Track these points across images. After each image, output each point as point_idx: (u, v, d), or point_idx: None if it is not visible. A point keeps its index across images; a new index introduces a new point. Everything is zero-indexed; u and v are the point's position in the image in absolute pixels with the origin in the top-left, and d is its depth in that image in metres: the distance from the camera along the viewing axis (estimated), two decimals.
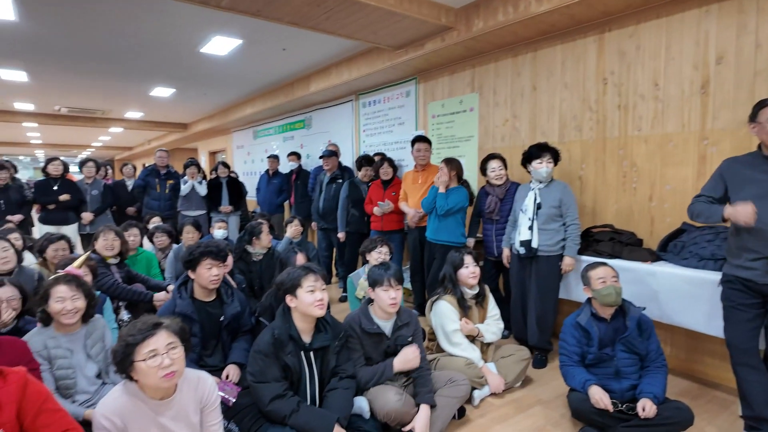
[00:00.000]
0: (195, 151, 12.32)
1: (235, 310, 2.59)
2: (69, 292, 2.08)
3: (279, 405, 1.94)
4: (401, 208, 4.27)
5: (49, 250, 3.31)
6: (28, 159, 21.92)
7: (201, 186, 6.12)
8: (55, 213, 5.11)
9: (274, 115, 7.86)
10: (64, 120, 9.37)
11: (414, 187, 4.14)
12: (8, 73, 5.90)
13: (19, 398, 1.34)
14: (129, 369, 1.52)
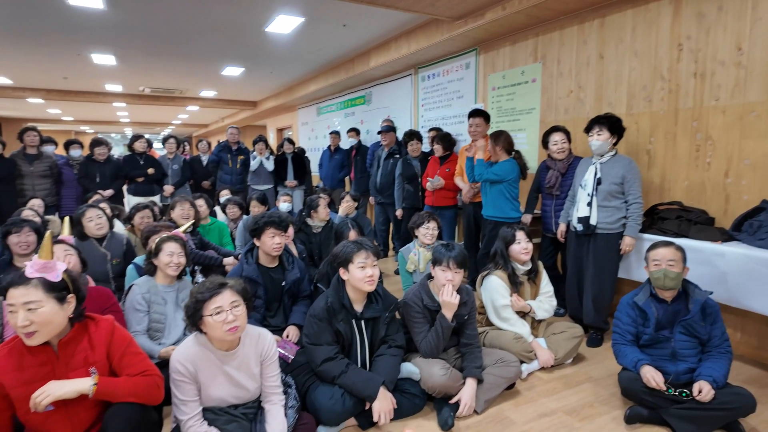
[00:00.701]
0: (264, 128, 12.88)
1: (295, 276, 2.80)
2: (177, 249, 2.45)
3: (329, 366, 2.09)
4: (456, 183, 4.25)
5: (136, 218, 3.71)
6: (119, 136, 24.02)
7: (268, 161, 6.46)
8: (142, 185, 5.66)
9: (335, 91, 8.02)
10: (148, 99, 10.17)
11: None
12: (99, 57, 6.50)
13: (108, 341, 1.58)
14: (199, 322, 1.73)
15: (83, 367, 1.52)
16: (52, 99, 9.56)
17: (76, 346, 1.53)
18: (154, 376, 1.62)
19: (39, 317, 1.41)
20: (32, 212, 4.08)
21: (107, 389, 1.50)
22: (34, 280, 1.43)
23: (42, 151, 5.34)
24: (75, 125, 18.12)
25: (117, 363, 1.58)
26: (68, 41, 5.69)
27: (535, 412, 2.28)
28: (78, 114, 14.28)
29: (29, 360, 1.47)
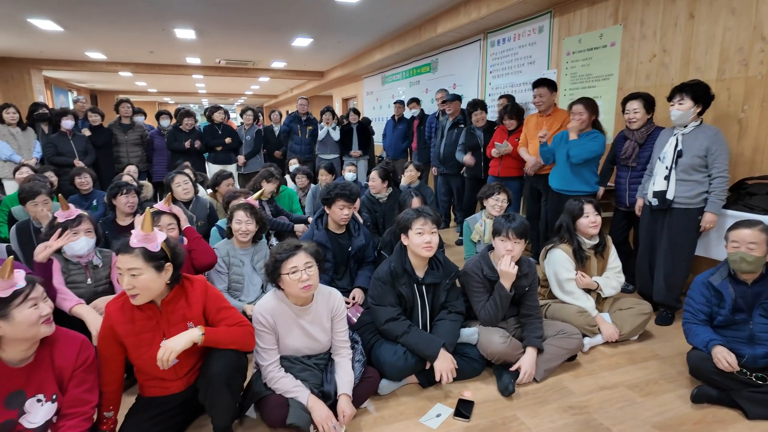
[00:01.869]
0: (330, 98, 13.11)
1: (361, 242, 2.94)
2: (245, 217, 2.67)
3: (393, 326, 2.22)
4: (520, 154, 4.14)
5: (222, 185, 4.02)
6: (196, 107, 25.52)
7: (335, 131, 6.64)
8: (220, 154, 6.05)
9: (401, 59, 7.96)
10: (223, 71, 10.68)
11: (536, 133, 3.94)
12: (181, 32, 6.91)
13: (204, 299, 1.79)
14: (277, 279, 1.92)
15: (182, 323, 1.73)
16: (140, 72, 10.34)
17: (175, 305, 1.74)
18: (248, 326, 1.82)
19: (139, 283, 1.61)
20: (130, 177, 4.55)
21: (212, 338, 1.71)
22: (136, 249, 1.62)
23: (134, 121, 5.86)
24: (159, 96, 19.47)
25: (214, 317, 1.79)
26: (155, 17, 6.10)
27: (595, 385, 2.29)
28: (161, 86, 15.32)
29: (138, 314, 1.70)
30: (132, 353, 1.71)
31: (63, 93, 12.97)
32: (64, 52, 8.61)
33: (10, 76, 9.00)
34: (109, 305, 1.72)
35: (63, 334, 1.59)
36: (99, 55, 8.95)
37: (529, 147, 4.06)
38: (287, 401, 1.84)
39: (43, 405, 1.50)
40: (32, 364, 1.49)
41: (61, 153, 5.16)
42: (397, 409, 2.11)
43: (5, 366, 1.45)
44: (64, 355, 1.54)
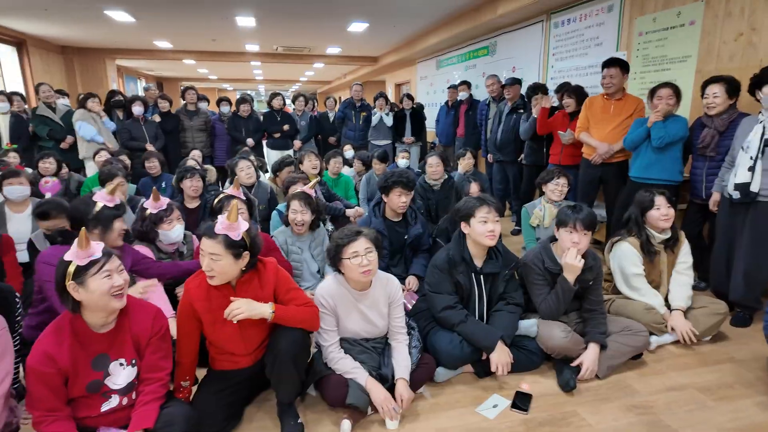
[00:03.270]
0: (383, 83, 13.07)
1: (417, 231, 2.95)
2: (299, 207, 2.72)
3: (449, 314, 2.21)
4: (582, 139, 3.82)
5: (284, 171, 4.15)
6: (253, 93, 26.31)
7: (388, 117, 6.63)
8: (278, 140, 6.23)
9: (457, 43, 7.78)
10: (280, 58, 10.91)
11: (603, 117, 3.70)
12: (242, 19, 7.11)
13: (275, 281, 1.86)
14: (338, 264, 1.96)
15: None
16: (202, 59, 10.77)
17: (249, 285, 1.82)
18: (314, 307, 1.89)
19: (217, 267, 1.70)
20: (194, 162, 4.79)
21: (282, 315, 1.79)
22: (219, 236, 1.71)
23: (199, 108, 6.13)
24: (218, 83, 20.22)
25: (283, 297, 1.86)
26: (219, 6, 6.30)
27: (662, 385, 2.18)
28: (221, 73, 15.90)
29: (215, 293, 1.79)
30: (207, 329, 1.82)
31: (133, 81, 13.79)
32: (135, 42, 9.12)
33: (87, 65, 9.66)
34: (188, 282, 1.83)
35: (138, 303, 1.71)
36: (166, 44, 9.40)
37: (593, 131, 3.76)
38: (347, 381, 1.90)
39: (125, 369, 1.63)
40: (113, 331, 1.62)
41: (134, 138, 5.51)
42: (452, 397, 2.12)
43: (91, 331, 1.58)
44: (140, 323, 1.66)
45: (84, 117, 5.21)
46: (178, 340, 1.81)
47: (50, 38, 8.57)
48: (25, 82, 8.08)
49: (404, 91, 9.50)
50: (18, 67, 8.09)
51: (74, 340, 1.55)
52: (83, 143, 5.25)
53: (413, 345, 2.13)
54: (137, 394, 1.66)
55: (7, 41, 7.72)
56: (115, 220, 2.26)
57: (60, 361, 1.51)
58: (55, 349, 1.52)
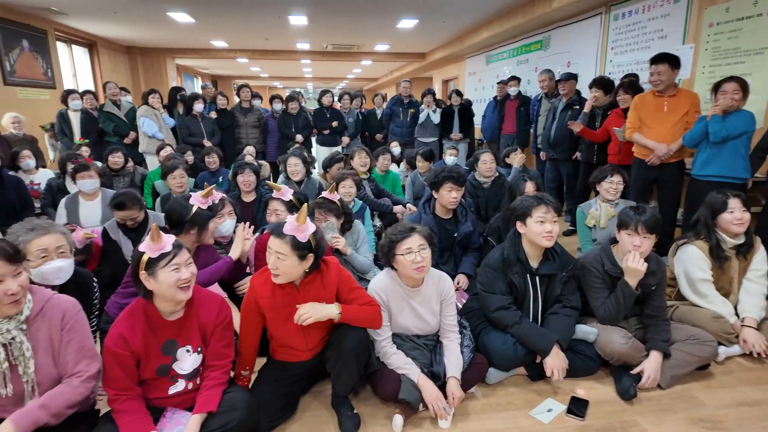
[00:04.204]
0: (430, 79, 12.99)
1: (468, 229, 2.91)
2: (321, 216, 2.66)
3: (503, 314, 2.18)
4: (636, 140, 3.56)
5: (334, 167, 4.22)
6: (301, 90, 26.86)
7: (435, 114, 6.58)
8: (327, 136, 6.33)
9: (508, 37, 7.60)
10: (329, 56, 11.07)
11: (657, 116, 3.44)
12: (295, 18, 7.27)
13: (337, 281, 1.89)
14: (392, 260, 1.97)
15: (316, 302, 1.83)
16: (255, 58, 11.11)
17: (312, 285, 1.86)
18: (376, 306, 1.90)
19: (282, 266, 1.74)
20: (250, 157, 4.96)
21: (348, 316, 1.82)
22: (287, 236, 1.74)
23: (253, 105, 6.33)
24: (269, 81, 20.77)
25: (346, 296, 1.89)
26: (273, 5, 6.47)
27: (731, 399, 2.05)
28: (272, 71, 16.33)
29: (279, 291, 1.84)
30: (270, 324, 1.88)
31: (190, 79, 14.43)
32: (193, 42, 9.53)
33: (150, 64, 10.21)
34: (254, 279, 1.89)
35: (204, 294, 1.79)
36: (222, 43, 9.77)
37: (647, 131, 3.49)
38: (399, 377, 1.91)
39: (191, 355, 1.71)
40: (182, 319, 1.71)
41: (193, 134, 5.77)
42: (504, 399, 2.09)
43: (161, 318, 1.67)
44: (207, 312, 1.74)
45: (147, 114, 5.51)
46: (241, 332, 1.88)
47: (117, 39, 9.11)
48: (95, 80, 8.65)
49: (452, 88, 9.41)
50: (89, 66, 8.67)
51: (146, 325, 1.65)
52: (144, 138, 5.56)
53: (465, 344, 2.11)
54: (202, 379, 1.74)
55: (80, 43, 8.28)
56: (210, 220, 2.36)
57: (133, 344, 1.62)
58: (129, 333, 1.62)
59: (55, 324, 1.55)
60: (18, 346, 1.48)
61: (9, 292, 1.42)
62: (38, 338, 1.53)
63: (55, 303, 1.59)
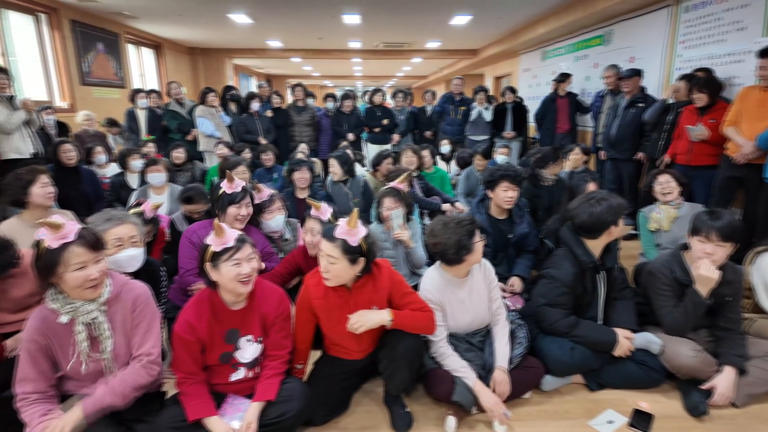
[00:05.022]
0: (481, 76, 12.75)
1: (524, 230, 2.84)
2: (391, 204, 2.68)
3: (561, 323, 2.11)
4: (728, 134, 3.35)
5: (383, 164, 4.25)
6: (351, 89, 27.18)
7: (487, 112, 6.45)
8: (378, 135, 6.37)
9: (567, 32, 7.32)
10: (380, 54, 11.13)
11: (759, 112, 3.17)
12: (348, 17, 7.36)
13: (389, 285, 1.89)
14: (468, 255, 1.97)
15: (368, 305, 1.84)
16: (308, 57, 11.34)
17: (363, 288, 1.87)
18: (429, 311, 1.88)
19: (333, 269, 1.76)
20: (303, 155, 5.07)
21: (400, 322, 1.81)
22: (338, 240, 1.74)
23: (307, 103, 6.47)
24: (320, 80, 21.17)
25: (399, 301, 1.89)
26: (328, 4, 6.58)
27: None
28: (323, 70, 16.63)
29: (331, 293, 1.86)
30: (323, 324, 1.91)
31: (246, 78, 14.96)
32: (250, 42, 9.86)
33: (210, 64, 10.68)
34: (308, 279, 1.92)
35: (267, 286, 1.85)
36: (277, 43, 10.05)
37: (744, 127, 3.24)
38: (453, 378, 1.90)
39: (252, 345, 1.78)
40: (245, 309, 1.77)
41: (249, 131, 5.97)
42: (561, 406, 2.02)
43: (225, 307, 1.75)
44: (268, 304, 1.80)
45: (204, 113, 5.75)
46: (295, 328, 1.92)
47: (181, 40, 9.59)
48: (159, 80, 9.15)
49: (504, 84, 9.19)
50: (155, 66, 9.19)
51: (211, 313, 1.73)
52: (202, 137, 5.81)
53: (518, 340, 2.09)
54: (261, 368, 1.80)
55: (147, 44, 8.79)
56: (230, 205, 2.39)
57: (199, 330, 1.70)
58: (196, 320, 1.70)
59: (128, 307, 1.67)
60: (98, 326, 1.60)
61: (90, 277, 1.54)
62: (115, 320, 1.64)
63: (130, 288, 1.70)
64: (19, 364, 1.55)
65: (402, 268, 2.89)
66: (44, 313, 1.57)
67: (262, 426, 1.66)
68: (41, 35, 6.06)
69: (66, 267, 1.50)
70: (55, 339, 1.57)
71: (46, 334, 1.56)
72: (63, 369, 1.60)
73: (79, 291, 1.54)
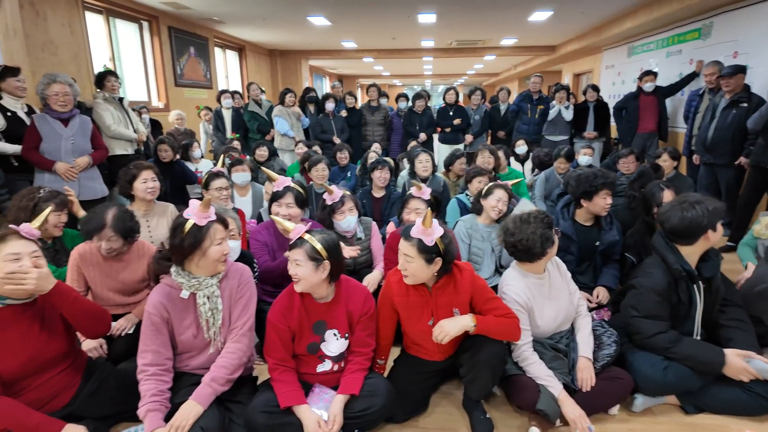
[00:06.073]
0: (558, 73, 12.23)
1: (613, 238, 2.69)
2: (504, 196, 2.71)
3: (660, 338, 1.97)
4: None
5: (456, 164, 4.22)
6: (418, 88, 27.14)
7: (567, 111, 6.18)
8: (449, 134, 6.32)
9: (658, 26, 6.82)
10: (452, 52, 11.02)
11: None
12: (424, 17, 7.36)
13: (471, 288, 1.88)
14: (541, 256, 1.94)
15: (448, 307, 1.86)
16: (380, 57, 11.49)
17: (444, 290, 1.87)
18: (514, 318, 1.85)
19: (411, 268, 1.78)
20: (375, 154, 5.14)
21: (483, 328, 1.78)
22: (414, 239, 1.75)
23: (380, 103, 6.56)
24: (389, 79, 21.36)
25: (482, 306, 1.87)
26: (404, 4, 6.62)
27: None
28: (394, 69, 16.76)
29: (412, 291, 1.88)
30: (403, 321, 1.94)
31: (319, 79, 15.44)
32: (325, 43, 10.16)
33: (287, 65, 11.15)
34: (390, 276, 1.96)
35: (353, 284, 1.91)
36: (351, 43, 10.27)
37: None
38: (538, 386, 1.85)
39: (338, 339, 1.84)
40: (332, 303, 1.85)
41: (325, 131, 6.17)
42: (652, 427, 1.91)
43: (313, 299, 1.83)
44: (354, 302, 1.87)
45: (281, 113, 6.02)
46: (378, 324, 1.95)
47: (262, 43, 10.09)
48: (242, 81, 9.70)
49: (584, 82, 8.75)
50: (238, 68, 9.75)
51: (302, 304, 1.83)
52: (278, 136, 6.08)
53: (607, 342, 2.03)
54: (346, 363, 1.87)
55: (232, 47, 9.34)
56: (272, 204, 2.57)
57: (290, 319, 1.80)
58: (288, 309, 1.81)
59: (234, 284, 1.84)
60: (215, 299, 1.77)
61: (225, 251, 1.75)
62: (224, 295, 1.82)
63: (236, 267, 1.90)
64: (141, 337, 1.74)
65: (485, 264, 2.84)
66: (166, 288, 1.77)
67: (347, 419, 1.72)
68: (143, 41, 6.64)
69: (211, 241, 1.71)
70: (174, 312, 1.76)
71: (166, 307, 1.75)
72: (177, 342, 1.78)
73: (215, 264, 1.75)
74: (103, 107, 3.99)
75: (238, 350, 1.78)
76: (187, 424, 1.58)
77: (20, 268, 1.55)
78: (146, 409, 1.62)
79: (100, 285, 2.25)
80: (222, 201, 3.13)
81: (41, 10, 4.47)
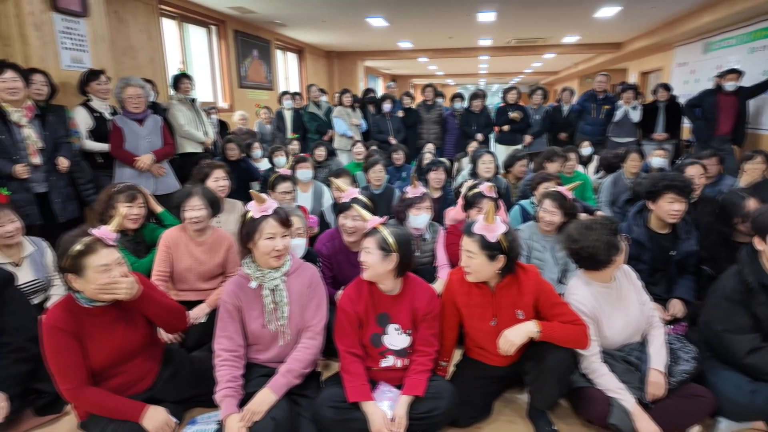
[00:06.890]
0: (623, 71, 11.65)
1: (691, 248, 2.52)
2: (551, 207, 2.61)
3: (760, 358, 1.81)
4: None
5: (516, 166, 4.12)
6: (472, 87, 26.72)
7: (635, 111, 5.87)
8: (506, 134, 6.17)
9: (740, 20, 6.31)
10: (510, 51, 10.77)
11: None
12: (483, 15, 7.25)
13: (536, 291, 1.83)
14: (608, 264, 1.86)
15: (511, 309, 1.82)
16: (436, 57, 11.43)
17: (507, 290, 1.83)
18: (582, 325, 1.78)
19: (473, 264, 1.76)
20: (430, 154, 5.13)
21: (548, 334, 1.73)
22: (476, 235, 1.74)
23: (436, 102, 6.52)
24: (442, 79, 21.19)
25: (547, 311, 1.82)
26: (463, 4, 6.54)
27: None
28: (448, 68, 16.62)
29: (475, 290, 1.86)
30: (465, 321, 1.92)
31: (373, 79, 15.58)
32: (382, 44, 10.24)
33: (344, 66, 11.35)
34: (453, 274, 1.95)
35: (419, 282, 1.93)
36: (407, 44, 10.29)
37: None
38: (609, 399, 1.77)
39: (400, 335, 1.86)
40: (397, 296, 1.87)
41: (381, 131, 6.21)
42: None
43: (380, 290, 1.87)
44: (419, 299, 1.87)
45: (340, 114, 6.12)
46: (441, 323, 1.94)
47: (320, 45, 10.33)
48: (300, 82, 9.97)
49: (652, 80, 8.27)
50: (297, 69, 10.03)
51: (369, 293, 1.87)
52: (337, 136, 6.19)
53: (686, 356, 1.91)
54: (410, 362, 1.87)
55: (292, 49, 9.63)
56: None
57: (357, 306, 1.85)
58: (356, 297, 1.87)
59: (304, 282, 1.90)
60: (279, 293, 1.84)
61: (276, 248, 1.80)
62: (292, 291, 1.88)
63: (306, 267, 1.97)
64: (218, 323, 1.84)
65: (551, 271, 2.76)
66: (239, 279, 1.88)
67: (411, 419, 1.72)
68: (211, 44, 6.99)
69: (261, 235, 1.78)
70: (245, 301, 1.85)
71: (239, 296, 1.85)
72: (248, 332, 1.86)
73: (266, 258, 1.81)
74: (177, 107, 4.25)
75: (313, 347, 1.85)
76: (261, 410, 1.64)
77: (113, 279, 1.64)
78: (222, 395, 1.70)
79: (183, 266, 2.44)
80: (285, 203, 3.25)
81: (123, 17, 4.81)
